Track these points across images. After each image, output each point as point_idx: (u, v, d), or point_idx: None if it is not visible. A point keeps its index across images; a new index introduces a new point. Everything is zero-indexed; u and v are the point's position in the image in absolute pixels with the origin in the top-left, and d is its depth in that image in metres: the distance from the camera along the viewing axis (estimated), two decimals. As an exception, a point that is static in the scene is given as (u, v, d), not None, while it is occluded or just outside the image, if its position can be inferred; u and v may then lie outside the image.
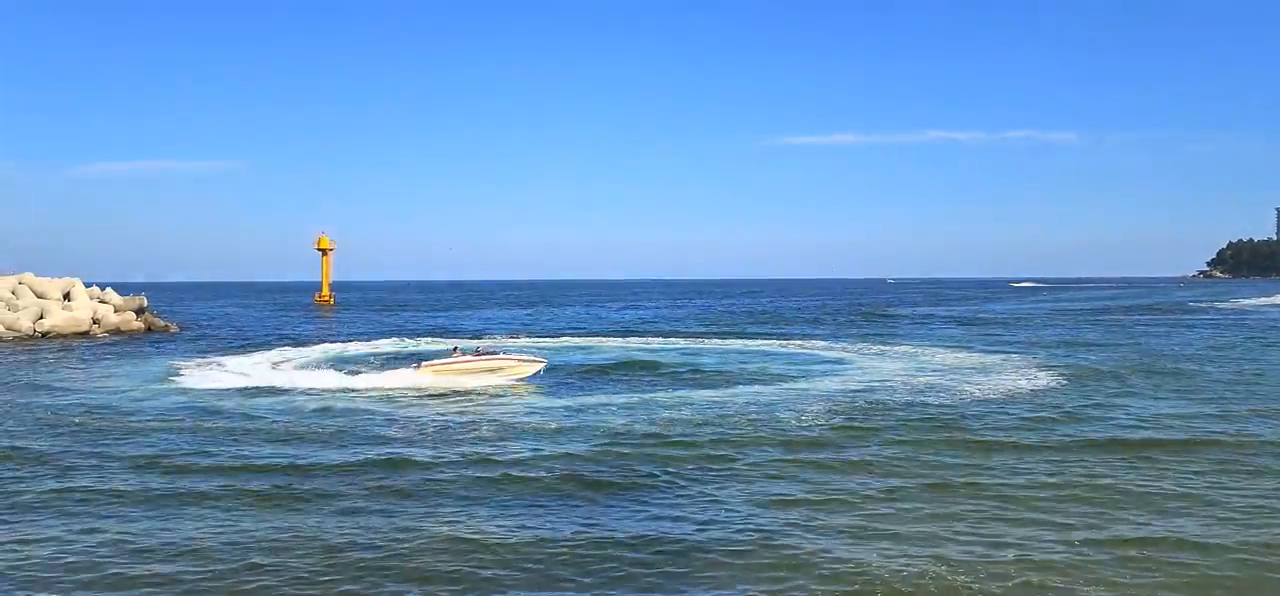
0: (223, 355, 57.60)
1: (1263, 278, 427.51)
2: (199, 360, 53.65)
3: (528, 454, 25.52)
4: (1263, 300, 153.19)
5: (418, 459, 24.95)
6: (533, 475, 23.04)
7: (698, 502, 20.32)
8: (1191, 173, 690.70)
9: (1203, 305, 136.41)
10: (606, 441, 27.23)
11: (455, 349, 43.17)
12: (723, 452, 25.40)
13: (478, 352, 42.15)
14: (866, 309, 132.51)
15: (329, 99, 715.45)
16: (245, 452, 25.94)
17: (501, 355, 43.12)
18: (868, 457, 24.68)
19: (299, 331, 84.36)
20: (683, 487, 21.66)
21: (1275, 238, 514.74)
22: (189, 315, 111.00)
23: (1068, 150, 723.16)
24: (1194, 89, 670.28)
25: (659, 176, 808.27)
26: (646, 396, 37.16)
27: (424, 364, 41.88)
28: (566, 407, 34.24)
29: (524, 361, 42.46)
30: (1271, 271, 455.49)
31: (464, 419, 31.76)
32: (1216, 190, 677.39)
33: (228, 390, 39.68)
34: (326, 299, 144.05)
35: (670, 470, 23.38)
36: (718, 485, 21.85)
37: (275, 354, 58.49)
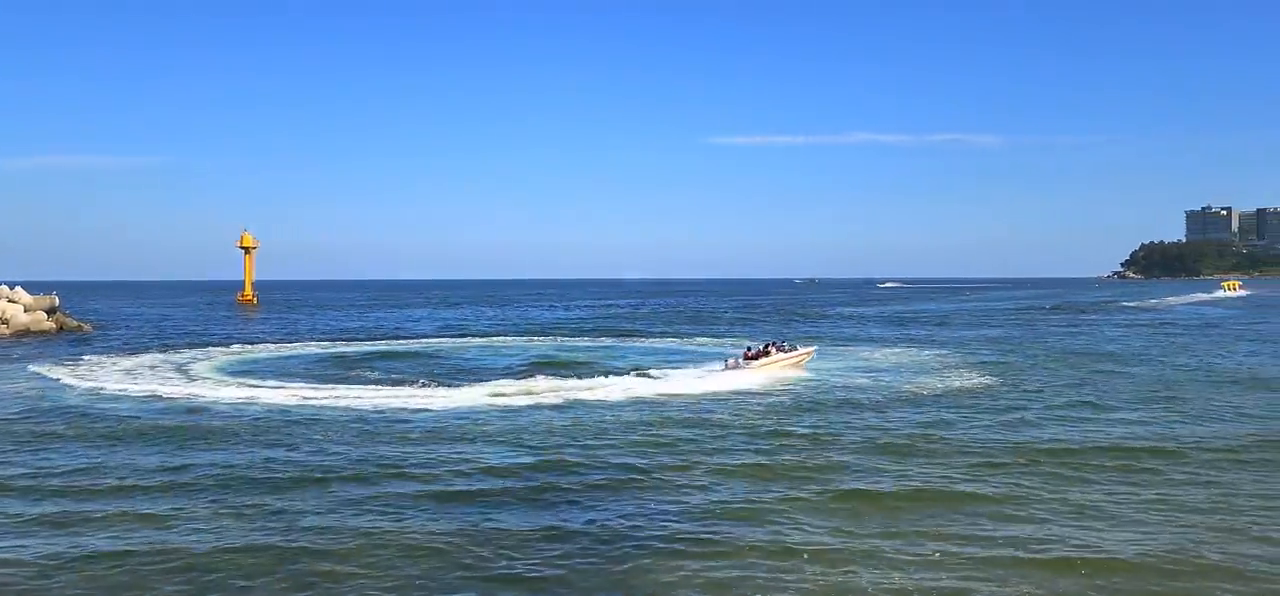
0: (124, 356, 55.18)
1: (1172, 278, 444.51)
2: (91, 362, 51.23)
3: (454, 461, 24.61)
4: (1173, 300, 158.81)
5: (335, 469, 23.84)
6: (466, 488, 22.15)
7: (635, 510, 19.67)
8: (1107, 176, 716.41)
9: (1128, 305, 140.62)
10: (540, 447, 26.44)
11: (747, 349, 47.28)
12: (659, 460, 24.69)
13: (763, 350, 46.30)
14: (794, 310, 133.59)
15: (267, 96, 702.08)
16: (136, 459, 24.63)
17: (791, 350, 47.90)
18: (802, 462, 24.29)
19: (213, 332, 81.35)
20: (620, 495, 21.00)
21: (1185, 240, 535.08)
22: (113, 314, 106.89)
23: (989, 153, 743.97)
24: (1110, 95, 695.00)
25: (598, 176, 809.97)
26: (579, 397, 36.38)
27: (737, 362, 45.13)
28: (498, 410, 33.29)
29: (806, 352, 48.57)
30: (1181, 272, 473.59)
31: (379, 424, 30.65)
32: (1130, 194, 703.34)
33: (109, 394, 38.05)
34: (249, 298, 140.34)
35: (606, 478, 22.63)
36: (656, 491, 21.24)
37: (186, 354, 56.23)
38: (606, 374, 44.60)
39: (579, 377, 42.69)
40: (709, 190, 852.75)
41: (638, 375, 44.29)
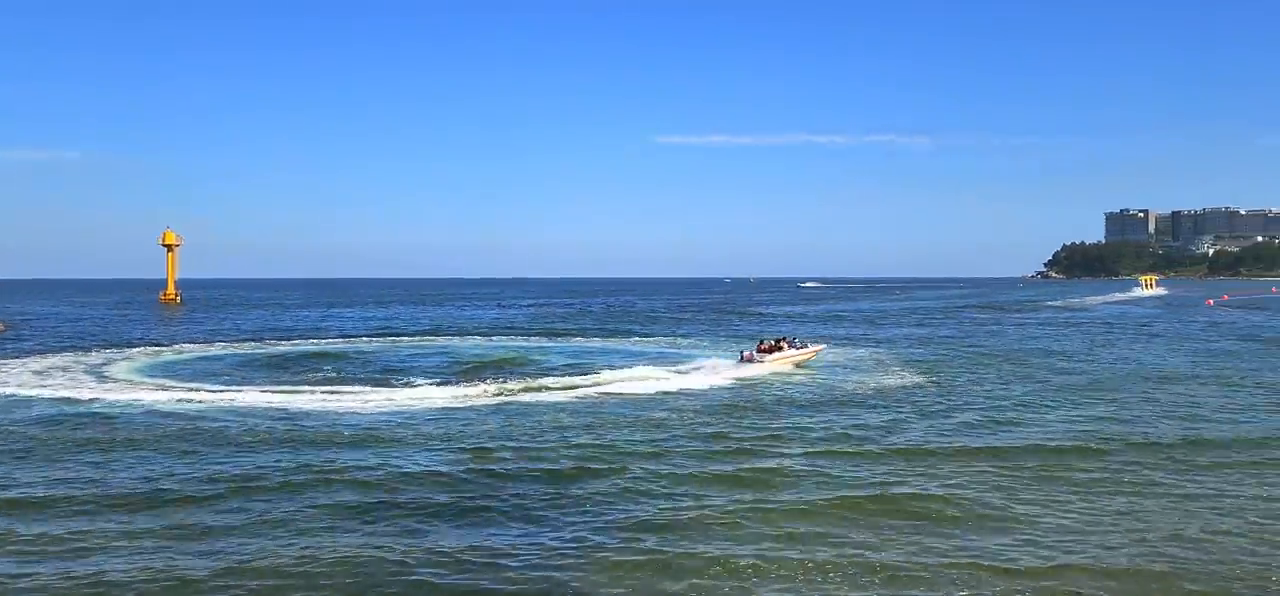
0: (36, 357, 52.81)
1: (1093, 277, 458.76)
2: None
3: (393, 466, 23.90)
4: (1094, 299, 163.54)
5: (265, 477, 22.94)
6: (402, 497, 21.46)
7: (570, 517, 19.25)
8: (1031, 179, 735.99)
9: (1052, 304, 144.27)
10: (476, 450, 25.84)
11: (760, 342, 49.01)
12: (595, 466, 24.19)
13: (775, 344, 48.06)
14: (733, 309, 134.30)
15: (193, 89, 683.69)
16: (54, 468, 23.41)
17: (798, 344, 49.93)
18: (744, 469, 24.11)
19: (132, 333, 78.54)
20: (552, 503, 20.52)
21: (1104, 241, 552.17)
22: (25, 314, 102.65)
23: (921, 154, 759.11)
24: (1036, 99, 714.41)
25: (536, 175, 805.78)
26: (515, 399, 35.79)
27: (752, 355, 46.59)
28: (433, 412, 32.53)
29: (812, 348, 50.34)
30: (1101, 272, 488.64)
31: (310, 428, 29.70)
32: (1053, 196, 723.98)
33: (18, 398, 36.31)
34: (172, 297, 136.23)
35: (541, 484, 22.13)
36: (591, 499, 20.82)
37: (102, 355, 54.08)
38: (544, 373, 44.09)
39: (516, 377, 42.11)
40: (652, 189, 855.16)
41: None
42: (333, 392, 37.78)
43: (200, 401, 35.39)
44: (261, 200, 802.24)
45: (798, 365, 47.01)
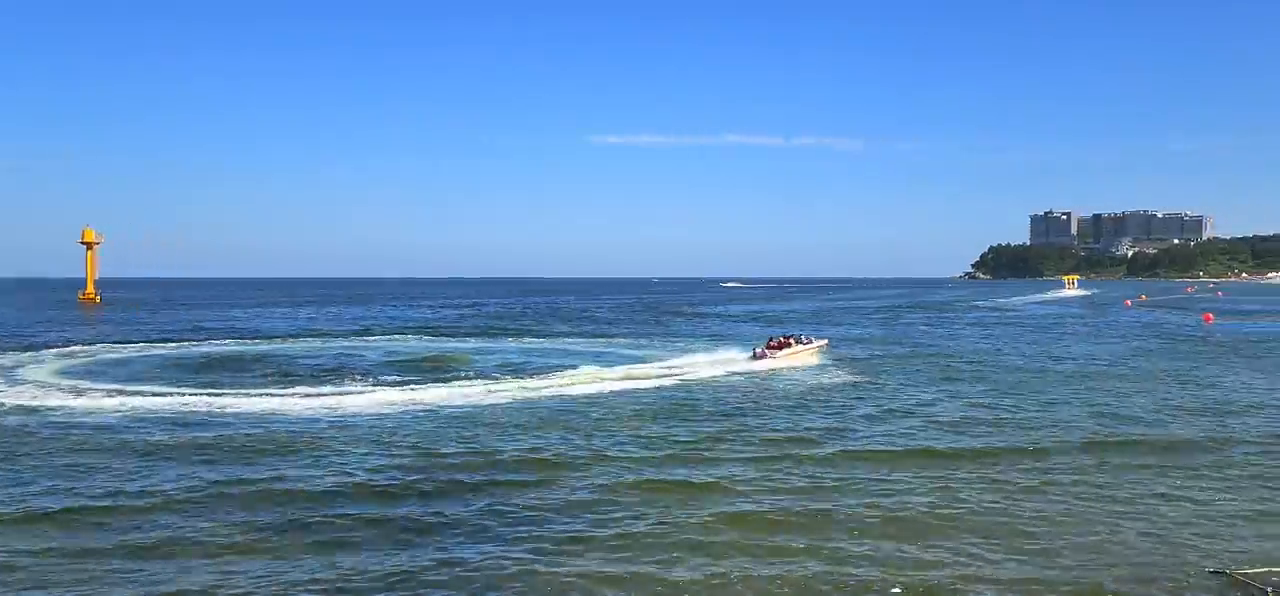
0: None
1: (1018, 277, 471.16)
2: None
3: (329, 472, 23.07)
4: (1021, 299, 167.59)
5: (172, 489, 21.94)
6: (329, 510, 20.67)
7: (501, 533, 18.70)
8: (959, 181, 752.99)
9: (980, 304, 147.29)
10: (406, 459, 25.07)
11: (770, 339, 52.27)
12: (532, 476, 23.63)
13: (784, 341, 51.31)
14: (668, 309, 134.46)
15: (115, 86, 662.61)
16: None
17: (805, 340, 53.12)
18: (681, 477, 23.80)
19: (47, 333, 75.36)
20: (486, 514, 19.89)
21: (1029, 242, 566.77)
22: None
23: (852, 157, 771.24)
24: (964, 102, 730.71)
25: (469, 173, 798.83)
26: (451, 401, 34.98)
27: (763, 352, 48.91)
28: (361, 416, 31.61)
29: (817, 343, 53.83)
30: (1026, 272, 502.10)
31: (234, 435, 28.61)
32: (980, 198, 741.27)
33: None
34: (92, 297, 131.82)
35: (473, 495, 21.24)
36: (518, 507, 20.27)
37: (12, 357, 51.69)
38: (482, 375, 43.35)
39: (453, 378, 41.30)
40: (587, 189, 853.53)
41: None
42: (256, 396, 36.41)
43: (111, 404, 33.69)
44: (191, 198, 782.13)
45: (809, 357, 50.25)
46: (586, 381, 41.00)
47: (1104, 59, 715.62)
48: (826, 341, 56.40)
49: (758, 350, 49.51)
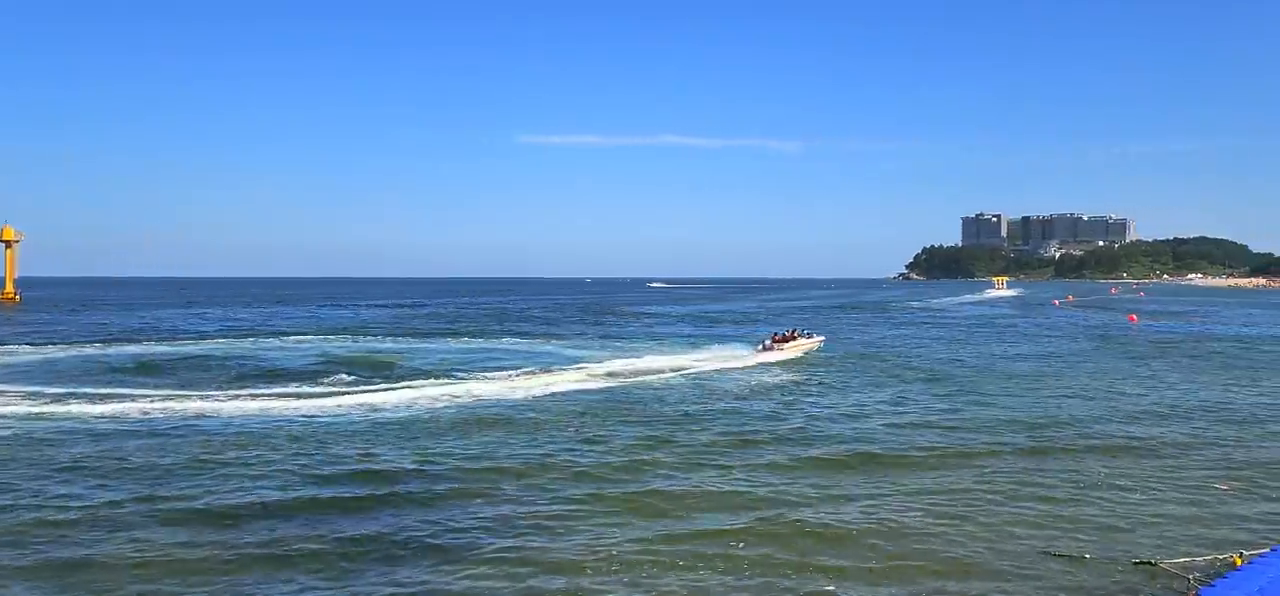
0: None
1: (950, 278, 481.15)
2: None
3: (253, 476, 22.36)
4: (952, 299, 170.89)
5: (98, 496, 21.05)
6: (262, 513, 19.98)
7: (418, 554, 18.30)
8: (894, 183, 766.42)
9: (914, 304, 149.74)
10: (345, 458, 24.50)
11: (773, 334, 56.91)
12: (465, 487, 23.13)
13: (787, 336, 55.75)
14: (603, 308, 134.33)
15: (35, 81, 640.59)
16: None
17: (805, 336, 57.34)
18: (615, 471, 23.62)
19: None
20: (425, 514, 19.56)
21: (961, 244, 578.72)
22: None
23: (790, 158, 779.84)
24: (898, 106, 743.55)
25: (402, 171, 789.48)
26: (383, 404, 34.31)
27: (769, 345, 53.46)
28: (286, 421, 30.81)
29: (815, 339, 57.83)
30: (958, 273, 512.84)
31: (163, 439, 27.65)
32: (914, 199, 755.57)
33: None
34: (11, 296, 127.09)
35: (396, 509, 20.43)
36: (448, 512, 19.90)
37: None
38: (409, 376, 42.62)
39: (384, 379, 40.56)
40: (520, 189, 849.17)
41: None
42: (182, 399, 35.16)
43: (26, 409, 32.16)
44: (103, 196, 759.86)
45: (808, 349, 55.06)
46: (532, 383, 40.65)
47: (1034, 66, 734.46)
48: (822, 338, 59.79)
49: (765, 343, 54.13)
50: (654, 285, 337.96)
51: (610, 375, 43.39)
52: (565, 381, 40.92)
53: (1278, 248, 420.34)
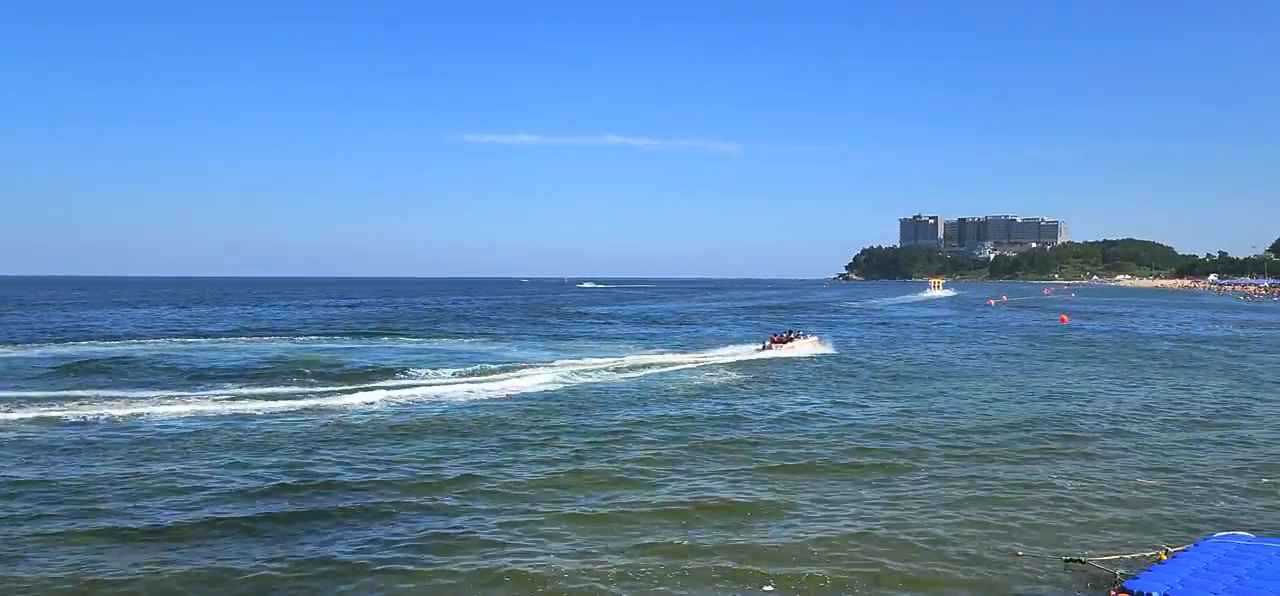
0: None
1: (889, 279, 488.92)
2: None
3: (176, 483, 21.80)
4: (890, 300, 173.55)
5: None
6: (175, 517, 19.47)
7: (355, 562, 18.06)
8: (834, 185, 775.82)
9: (853, 305, 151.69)
10: (281, 465, 24.01)
11: (774, 334, 60.83)
12: (391, 492, 22.93)
13: (787, 335, 59.73)
14: (546, 308, 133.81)
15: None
16: None
17: (806, 335, 61.06)
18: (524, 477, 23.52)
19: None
20: (364, 532, 19.26)
21: (899, 245, 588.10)
22: None
23: (732, 160, 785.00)
24: (837, 111, 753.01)
25: (332, 168, 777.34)
26: (320, 407, 33.72)
27: (769, 345, 56.92)
28: (217, 424, 30.13)
29: (813, 339, 60.60)
30: (896, 274, 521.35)
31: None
32: (853, 202, 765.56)
33: None
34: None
35: (353, 507, 20.49)
36: (386, 519, 19.67)
37: None
38: (348, 378, 41.98)
39: (321, 381, 39.90)
40: (455, 189, 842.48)
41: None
42: (107, 402, 34.25)
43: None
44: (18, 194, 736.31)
45: (809, 349, 57.35)
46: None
47: (969, 69, 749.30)
48: (818, 337, 62.37)
49: (766, 343, 57.52)
50: (584, 285, 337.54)
51: (553, 377, 43.21)
52: (510, 384, 40.59)
53: (1201, 250, 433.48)
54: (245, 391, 37.17)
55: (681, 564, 16.15)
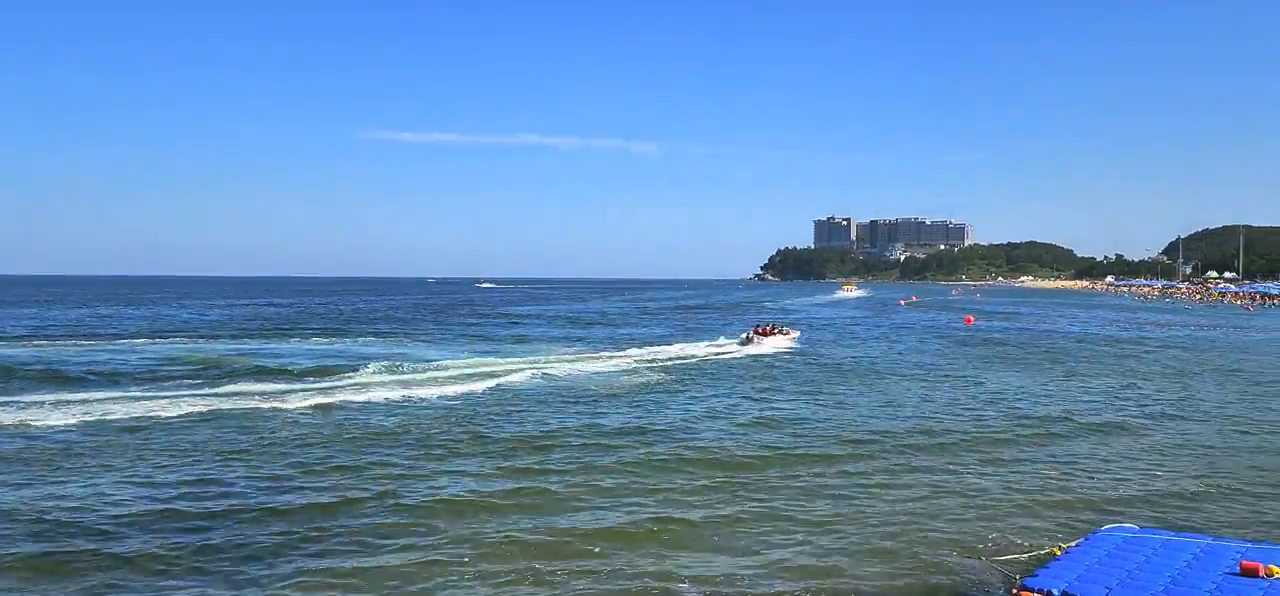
0: None
1: (804, 280, 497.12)
2: None
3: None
4: (805, 301, 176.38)
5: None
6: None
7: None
8: (750, 186, 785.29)
9: (769, 305, 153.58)
10: (184, 471, 23.19)
11: (757, 327, 65.77)
12: (300, 499, 22.37)
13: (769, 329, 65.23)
14: (474, 308, 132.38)
15: None
16: None
17: (785, 329, 67.00)
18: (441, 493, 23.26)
19: None
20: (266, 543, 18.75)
21: (813, 246, 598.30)
22: None
23: (648, 160, 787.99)
24: (753, 112, 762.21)
25: (240, 164, 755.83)
26: (220, 407, 32.68)
27: (752, 337, 61.85)
28: (108, 430, 29.00)
29: (793, 333, 66.20)
30: (810, 275, 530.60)
31: None
32: (769, 202, 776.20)
33: None
34: None
35: (263, 518, 20.03)
36: (298, 528, 19.21)
37: None
38: (260, 378, 40.80)
39: (227, 382, 38.69)
40: (363, 188, 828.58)
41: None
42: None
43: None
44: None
45: (788, 343, 62.40)
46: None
47: (881, 70, 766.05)
48: (799, 331, 67.46)
49: (747, 335, 61.65)
50: (483, 285, 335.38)
51: (471, 377, 42.74)
52: (437, 389, 39.83)
53: (1099, 252, 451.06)
54: (146, 396, 35.77)
55: (594, 568, 16.14)
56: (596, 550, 17.07)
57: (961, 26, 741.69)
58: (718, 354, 57.66)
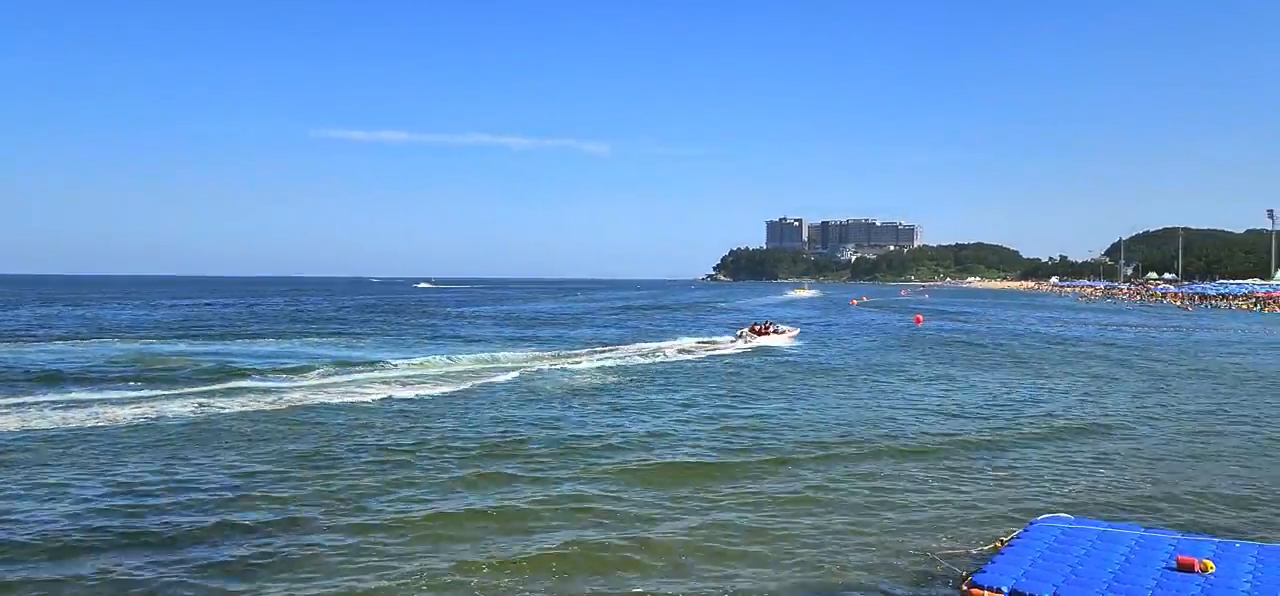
0: None
1: (756, 280, 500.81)
2: None
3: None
4: (758, 302, 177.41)
5: None
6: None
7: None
8: (702, 186, 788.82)
9: (723, 306, 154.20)
10: (143, 475, 22.58)
11: (752, 325, 67.36)
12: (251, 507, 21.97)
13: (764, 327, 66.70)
14: (422, 308, 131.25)
15: None
16: None
17: (781, 328, 68.61)
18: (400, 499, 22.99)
19: None
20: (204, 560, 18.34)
21: (765, 246, 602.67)
22: None
23: (601, 160, 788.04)
24: (708, 112, 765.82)
25: (187, 161, 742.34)
26: (168, 414, 31.92)
27: (746, 335, 63.52)
28: (62, 430, 28.20)
29: (791, 331, 67.85)
30: (762, 275, 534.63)
31: None
32: (722, 203, 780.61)
33: None
34: None
35: (190, 532, 19.56)
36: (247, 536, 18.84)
37: None
38: (204, 379, 39.99)
39: (168, 385, 37.86)
40: (316, 186, 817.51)
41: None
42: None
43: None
44: None
45: (784, 341, 63.84)
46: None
47: (830, 71, 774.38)
48: (798, 329, 69.12)
49: (741, 333, 62.95)
50: (421, 285, 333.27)
51: (424, 380, 42.33)
52: (386, 390, 39.47)
53: (1044, 253, 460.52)
54: (79, 401, 34.77)
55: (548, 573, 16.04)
56: (553, 568, 16.95)
57: (912, 33, 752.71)
58: (682, 355, 57.26)
